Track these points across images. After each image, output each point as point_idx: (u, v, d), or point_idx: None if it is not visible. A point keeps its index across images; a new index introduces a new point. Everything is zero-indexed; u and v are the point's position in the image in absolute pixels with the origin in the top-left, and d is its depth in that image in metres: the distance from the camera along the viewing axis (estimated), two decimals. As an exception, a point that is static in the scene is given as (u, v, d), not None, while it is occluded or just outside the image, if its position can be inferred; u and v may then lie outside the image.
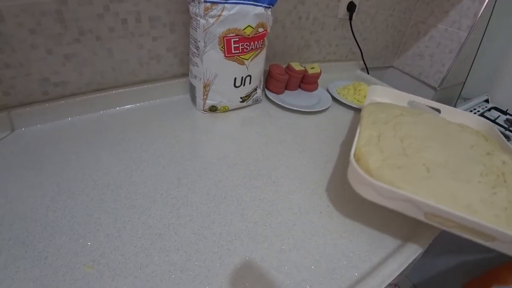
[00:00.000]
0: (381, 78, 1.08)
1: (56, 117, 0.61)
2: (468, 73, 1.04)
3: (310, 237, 0.44)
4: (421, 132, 0.50)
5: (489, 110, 1.15)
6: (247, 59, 0.60)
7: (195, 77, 0.62)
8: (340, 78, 0.98)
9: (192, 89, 0.65)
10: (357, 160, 0.45)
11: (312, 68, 0.80)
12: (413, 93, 0.98)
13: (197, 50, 0.58)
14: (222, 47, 0.56)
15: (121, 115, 0.65)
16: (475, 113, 1.10)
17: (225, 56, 0.57)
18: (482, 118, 0.62)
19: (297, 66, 0.77)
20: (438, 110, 0.67)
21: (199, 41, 0.56)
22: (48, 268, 0.35)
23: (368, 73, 1.09)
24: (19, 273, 0.34)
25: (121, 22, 0.60)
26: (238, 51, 0.57)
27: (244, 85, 0.64)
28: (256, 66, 0.64)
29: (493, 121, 1.05)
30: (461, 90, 1.06)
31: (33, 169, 0.49)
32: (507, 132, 1.01)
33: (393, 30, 1.14)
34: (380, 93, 0.74)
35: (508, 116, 1.13)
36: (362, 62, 1.05)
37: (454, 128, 0.53)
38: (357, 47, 1.00)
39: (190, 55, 0.61)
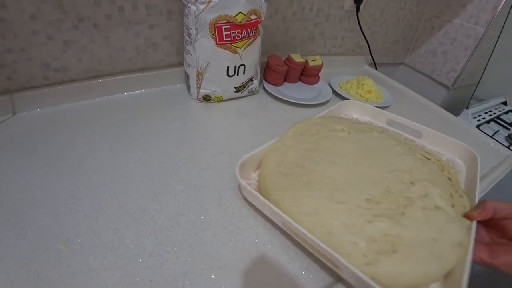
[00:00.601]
0: (391, 76, 1.03)
1: (56, 102, 0.62)
2: (483, 72, 0.96)
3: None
4: (342, 149, 0.49)
5: (506, 113, 1.08)
6: (240, 48, 0.59)
7: (189, 65, 0.62)
8: (345, 72, 0.94)
9: (187, 78, 0.65)
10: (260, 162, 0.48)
11: (314, 60, 0.78)
12: (424, 92, 0.94)
13: (189, 37, 0.57)
14: (213, 35, 0.55)
15: (118, 102, 0.66)
16: (490, 115, 1.02)
17: (216, 43, 0.56)
18: (466, 147, 0.57)
19: (297, 58, 0.75)
20: (419, 134, 0.63)
21: (191, 28, 0.55)
22: (27, 244, 0.37)
23: (376, 69, 1.04)
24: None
25: (118, 10, 0.60)
26: (229, 39, 0.56)
27: (237, 74, 0.63)
28: (250, 55, 0.62)
29: (510, 124, 0.98)
30: (475, 90, 0.99)
31: (29, 151, 0.51)
32: None
33: (405, 25, 1.08)
34: (358, 109, 0.70)
35: None
36: (370, 57, 1.00)
37: (395, 151, 0.50)
38: (365, 40, 0.96)
39: (184, 43, 0.61)
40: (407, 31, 1.11)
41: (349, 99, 0.70)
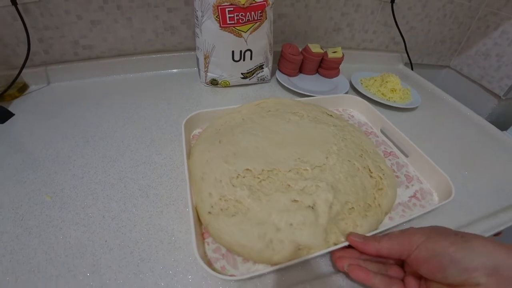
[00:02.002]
0: (433, 80, 0.91)
1: (83, 76, 0.70)
2: None
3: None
4: (276, 128, 0.49)
5: None
6: (245, 32, 0.58)
7: (198, 48, 0.63)
8: (376, 70, 0.85)
9: (197, 61, 0.67)
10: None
11: (334, 52, 0.73)
12: (470, 101, 0.80)
13: (197, 20, 0.58)
14: (216, 17, 0.55)
15: (135, 80, 0.71)
16: None
17: (220, 26, 0.56)
18: (448, 181, 0.47)
19: (315, 48, 0.71)
20: (407, 152, 0.55)
21: (197, 11, 0.56)
22: (23, 190, 0.43)
23: (412, 69, 0.93)
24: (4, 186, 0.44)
25: (139, -8, 0.64)
26: (233, 22, 0.56)
27: (243, 60, 0.63)
28: (257, 40, 0.61)
29: None
30: None
31: (52, 115, 0.59)
32: None
33: (453, 21, 0.94)
34: (356, 106, 0.65)
35: None
36: (406, 55, 0.90)
37: (326, 149, 0.47)
38: (400, 36, 0.86)
39: (194, 26, 0.62)
40: (455, 29, 0.97)
41: (366, 94, 0.64)
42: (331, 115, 0.56)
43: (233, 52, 0.61)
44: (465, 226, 0.47)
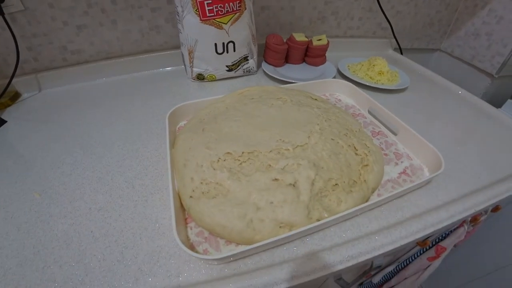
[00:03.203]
0: (426, 64, 0.89)
1: (73, 81, 0.71)
2: None
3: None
4: (259, 113, 0.50)
5: None
6: (225, 23, 0.59)
7: (182, 44, 0.64)
8: (364, 56, 0.85)
9: (183, 58, 0.67)
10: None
11: (319, 40, 0.73)
12: (464, 82, 0.79)
13: (178, 16, 0.59)
14: (196, 11, 0.56)
15: (125, 82, 0.72)
16: None
17: (201, 19, 0.57)
18: (438, 155, 0.46)
19: (299, 37, 0.71)
20: (396, 130, 0.54)
21: (178, 6, 0.57)
22: (13, 189, 0.44)
23: (401, 54, 0.92)
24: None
25: (121, -6, 0.66)
26: (213, 14, 0.57)
27: (227, 52, 0.63)
28: (238, 32, 0.62)
29: None
30: None
31: (43, 121, 0.60)
32: None
33: (440, 3, 0.93)
34: (343, 90, 0.65)
35: None
36: (395, 40, 0.89)
37: (309, 129, 0.47)
38: (387, 21, 0.85)
39: (177, 23, 0.63)
40: (443, 11, 0.96)
41: (354, 79, 0.64)
42: (316, 99, 0.56)
43: (215, 44, 0.61)
44: (457, 199, 0.46)
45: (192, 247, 0.36)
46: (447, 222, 0.43)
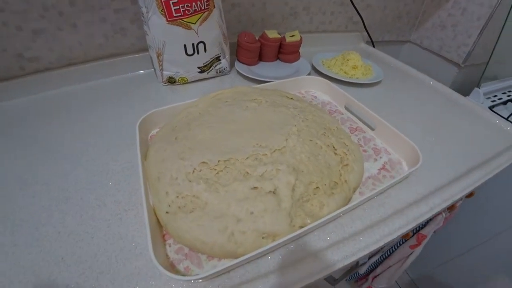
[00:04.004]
0: (397, 55, 0.92)
1: (32, 91, 0.65)
2: (495, 45, 0.81)
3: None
4: (233, 117, 0.48)
5: None
6: (194, 23, 0.56)
7: (149, 46, 0.61)
8: (337, 51, 0.84)
9: (151, 61, 0.64)
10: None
11: (292, 36, 0.72)
12: (433, 72, 0.82)
13: (143, 17, 0.56)
14: (162, 11, 0.53)
15: (91, 88, 0.67)
16: (508, 96, 0.86)
17: (167, 20, 0.54)
18: (415, 149, 0.47)
19: (272, 34, 0.70)
20: (373, 126, 0.55)
21: (142, 7, 0.54)
22: None
23: (373, 46, 0.93)
24: None
25: (80, -5, 0.61)
26: (180, 14, 0.54)
27: (198, 53, 0.60)
28: (208, 31, 0.59)
29: None
30: (486, 66, 0.84)
31: (1, 136, 0.54)
32: None
33: None
34: (318, 86, 0.64)
35: None
36: (367, 33, 0.90)
37: (286, 131, 0.46)
38: (358, 15, 0.86)
39: (143, 24, 0.59)
40: (411, 4, 0.98)
41: (329, 75, 0.63)
42: (291, 98, 0.55)
43: (185, 46, 0.59)
44: (437, 190, 0.47)
45: (172, 266, 0.34)
46: (428, 215, 0.44)
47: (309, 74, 0.70)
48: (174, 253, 0.35)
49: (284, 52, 0.73)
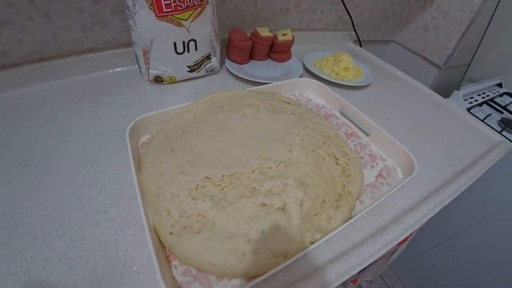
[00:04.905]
0: (381, 54, 0.93)
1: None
2: (476, 50, 0.86)
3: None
4: (233, 124, 0.46)
5: (501, 95, 0.98)
6: (185, 20, 0.52)
7: (135, 43, 0.56)
8: (326, 49, 0.85)
9: (137, 58, 0.59)
10: None
11: (284, 34, 0.70)
12: (415, 72, 0.85)
13: (129, 11, 0.51)
14: (151, 5, 0.49)
15: (68, 86, 0.61)
16: (483, 98, 0.92)
17: (156, 16, 0.50)
18: (410, 156, 0.48)
19: (264, 32, 0.68)
20: (368, 131, 0.56)
21: (127, 0, 0.49)
22: None
23: (360, 46, 0.94)
24: None
25: (52, -18, 0.54)
26: (170, 9, 0.50)
27: (188, 51, 0.57)
28: (200, 29, 0.56)
29: (504, 107, 0.89)
30: (467, 70, 0.89)
31: None
32: None
33: None
34: (313, 89, 0.64)
35: None
36: (355, 33, 0.90)
37: (289, 140, 0.44)
38: (347, 14, 0.85)
39: (127, 18, 0.54)
40: (397, 5, 1.00)
41: (321, 76, 0.63)
42: (288, 103, 0.54)
43: (175, 44, 0.55)
44: (430, 195, 0.49)
45: (180, 290, 0.32)
46: (423, 220, 0.45)
47: (301, 75, 0.69)
48: (182, 275, 0.33)
49: (276, 51, 0.71)
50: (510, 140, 0.76)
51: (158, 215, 0.35)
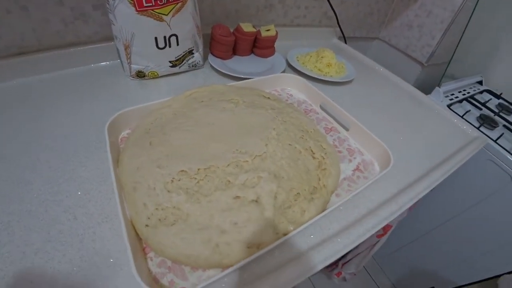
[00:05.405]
0: (366, 51, 0.95)
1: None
2: (456, 48, 0.88)
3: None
4: (211, 119, 0.47)
5: (481, 92, 1.01)
6: (166, 15, 0.52)
7: (116, 37, 0.56)
8: (311, 45, 0.85)
9: (118, 53, 0.59)
10: None
11: (268, 30, 0.70)
12: (398, 69, 0.86)
13: (108, 4, 0.51)
14: (131, 0, 0.48)
15: (48, 81, 0.60)
16: (464, 94, 0.95)
17: (136, 10, 0.50)
18: (386, 150, 0.50)
19: (247, 27, 0.68)
20: (347, 126, 0.57)
21: (106, -6, 0.49)
22: None
23: (345, 42, 0.95)
24: None
25: (29, -26, 0.53)
26: (151, 4, 0.50)
27: (169, 46, 0.57)
28: (181, 24, 0.56)
29: (483, 104, 0.91)
30: (447, 67, 0.92)
31: None
32: (496, 117, 0.88)
33: None
34: (295, 85, 0.65)
35: (501, 101, 1.00)
36: (339, 29, 0.91)
37: (266, 134, 0.45)
38: (332, 10, 0.86)
39: (107, 12, 0.54)
40: (381, 2, 1.01)
41: (304, 72, 0.63)
42: (268, 98, 0.54)
43: (156, 38, 0.55)
44: (405, 188, 0.51)
45: (156, 280, 0.33)
46: (397, 213, 0.47)
47: (284, 71, 0.69)
48: (157, 266, 0.34)
49: (259, 46, 0.72)
50: (487, 136, 0.79)
51: (134, 208, 0.36)
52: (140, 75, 0.60)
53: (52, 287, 0.31)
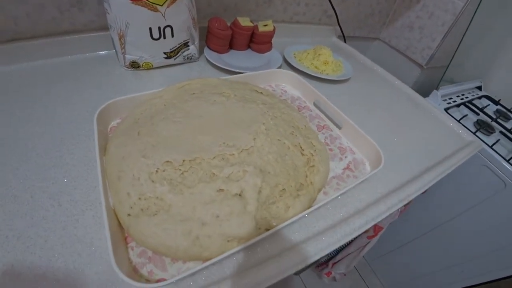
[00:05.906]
0: (366, 51, 0.94)
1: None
2: (456, 51, 0.87)
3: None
4: (201, 111, 0.46)
5: (479, 98, 1.01)
6: (161, 5, 0.52)
7: (110, 26, 0.55)
8: (309, 43, 0.85)
9: (113, 42, 0.59)
10: None
11: (265, 25, 0.70)
12: (398, 71, 0.86)
13: (103, -6, 0.50)
14: (125, -11, 0.48)
15: (41, 68, 0.60)
16: (462, 99, 0.94)
17: (131, 0, 0.49)
18: (378, 150, 0.49)
19: (244, 22, 0.67)
20: (340, 124, 0.56)
21: (101, -17, 0.48)
22: None
23: (345, 41, 0.94)
24: None
25: (24, -42, 0.53)
26: (145, -6, 0.49)
27: (164, 37, 0.57)
28: (177, 15, 0.55)
29: (481, 109, 0.91)
30: (446, 70, 0.91)
31: None
32: (493, 123, 0.87)
33: None
34: (289, 81, 0.64)
35: (499, 107, 0.99)
36: (339, 28, 0.90)
37: (254, 129, 0.45)
38: (332, 9, 0.85)
39: (102, 1, 0.53)
40: (383, 3, 1.00)
41: (300, 68, 0.63)
42: (261, 93, 0.54)
43: (150, 29, 0.54)
44: (395, 189, 0.50)
45: (135, 270, 0.33)
46: (385, 214, 0.47)
47: (280, 67, 0.69)
48: (137, 256, 0.34)
49: (256, 41, 0.71)
50: (483, 141, 0.78)
51: (118, 197, 0.35)
52: (134, 65, 0.60)
53: (32, 272, 0.32)
